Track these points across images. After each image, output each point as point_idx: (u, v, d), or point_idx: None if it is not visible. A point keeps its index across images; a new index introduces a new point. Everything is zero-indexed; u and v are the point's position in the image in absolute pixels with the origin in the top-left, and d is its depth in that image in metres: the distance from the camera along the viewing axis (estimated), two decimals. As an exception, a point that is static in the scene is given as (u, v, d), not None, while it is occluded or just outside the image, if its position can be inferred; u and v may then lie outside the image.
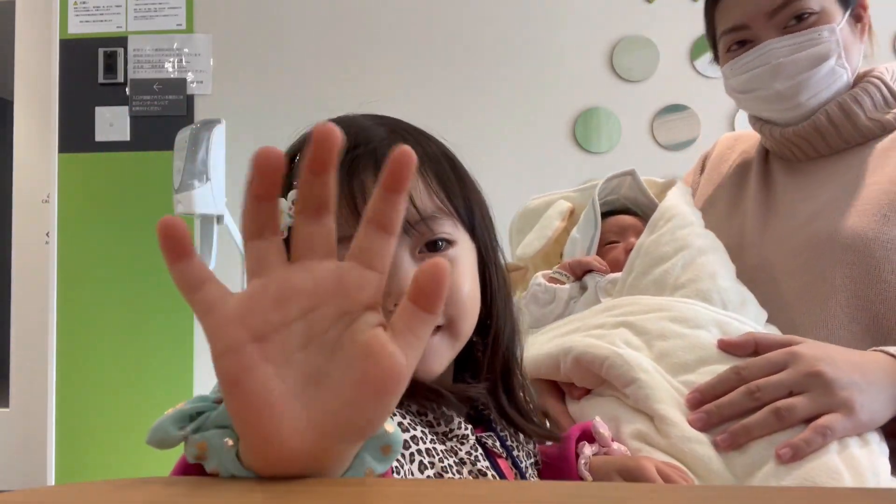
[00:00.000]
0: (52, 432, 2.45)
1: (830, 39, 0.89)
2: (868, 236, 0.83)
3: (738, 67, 0.95)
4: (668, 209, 0.90)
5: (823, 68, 0.90)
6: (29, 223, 3.13)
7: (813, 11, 0.89)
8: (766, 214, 0.97)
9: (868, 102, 0.92)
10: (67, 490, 0.33)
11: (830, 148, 0.94)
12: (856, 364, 0.69)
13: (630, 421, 0.70)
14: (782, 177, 0.99)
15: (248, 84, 2.46)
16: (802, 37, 0.89)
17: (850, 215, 0.85)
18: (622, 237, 0.94)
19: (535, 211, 1.03)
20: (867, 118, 0.91)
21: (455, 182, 0.62)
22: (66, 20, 2.54)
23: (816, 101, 0.92)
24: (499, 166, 2.41)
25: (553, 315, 0.89)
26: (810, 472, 0.61)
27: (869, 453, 0.64)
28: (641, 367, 0.71)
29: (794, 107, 0.93)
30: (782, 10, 0.90)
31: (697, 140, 2.36)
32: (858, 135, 0.92)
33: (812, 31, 0.89)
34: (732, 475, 0.64)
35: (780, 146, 0.98)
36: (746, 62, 0.93)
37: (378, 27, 2.47)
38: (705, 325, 0.76)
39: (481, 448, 0.58)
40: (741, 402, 0.68)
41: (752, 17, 0.92)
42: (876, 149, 0.91)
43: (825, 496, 0.35)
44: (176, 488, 0.33)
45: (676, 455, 0.66)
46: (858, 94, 0.92)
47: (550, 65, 2.43)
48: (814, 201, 0.91)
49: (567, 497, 0.32)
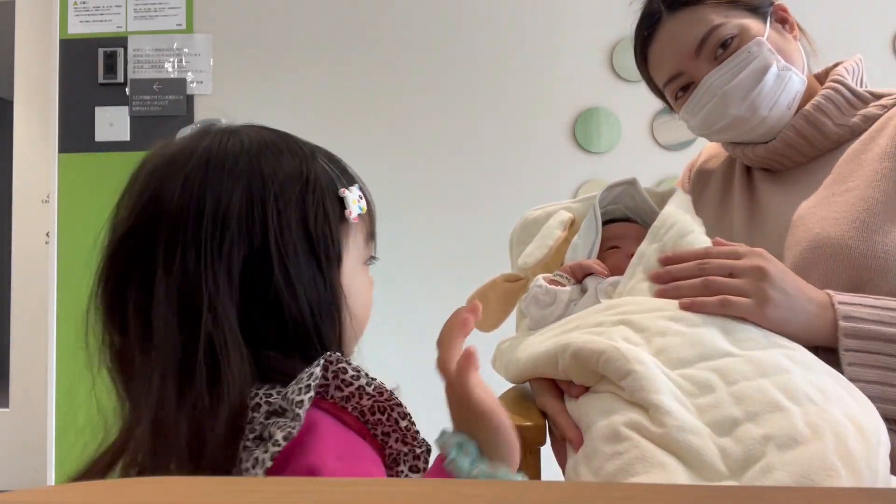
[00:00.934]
0: (52, 432, 2.46)
1: (762, 51, 0.91)
2: (848, 244, 0.84)
3: (692, 109, 0.98)
4: (669, 217, 0.90)
5: (769, 78, 0.92)
6: (29, 223, 3.13)
7: (733, 35, 0.92)
8: (752, 222, 0.98)
9: (833, 109, 0.93)
10: (67, 490, 0.33)
11: (804, 157, 0.96)
12: (799, 283, 0.79)
13: (624, 412, 0.70)
14: (765, 184, 1.01)
15: (248, 84, 2.46)
16: (735, 60, 0.92)
17: (830, 223, 0.86)
18: (623, 243, 0.94)
19: (536, 221, 1.03)
20: (835, 125, 0.93)
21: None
22: (66, 20, 2.54)
23: (779, 110, 0.94)
24: (499, 166, 2.41)
25: (553, 317, 0.90)
26: (807, 468, 0.61)
27: (867, 449, 0.64)
28: (638, 360, 0.71)
29: (759, 123, 0.95)
30: (704, 45, 0.93)
31: (697, 140, 2.36)
32: (829, 142, 0.94)
33: (741, 51, 0.92)
34: (726, 467, 0.63)
35: (757, 163, 1.01)
36: (696, 102, 0.96)
37: (378, 27, 2.47)
38: (704, 324, 0.76)
39: None
40: (690, 270, 0.81)
41: (680, 62, 0.95)
42: (848, 152, 0.92)
43: (825, 496, 0.35)
44: (176, 488, 0.33)
45: (670, 445, 0.65)
46: (822, 104, 0.93)
47: (550, 65, 2.43)
48: (794, 208, 0.92)
49: (567, 497, 0.32)
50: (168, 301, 0.57)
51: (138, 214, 0.61)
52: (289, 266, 0.59)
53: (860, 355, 0.77)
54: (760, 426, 0.65)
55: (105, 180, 2.50)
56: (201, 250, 0.58)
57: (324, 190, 0.64)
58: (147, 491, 0.32)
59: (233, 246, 0.59)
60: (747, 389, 0.68)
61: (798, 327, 0.78)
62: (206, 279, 0.57)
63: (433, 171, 2.41)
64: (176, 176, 0.61)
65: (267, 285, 0.59)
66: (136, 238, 0.60)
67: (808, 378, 0.69)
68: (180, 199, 0.60)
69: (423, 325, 0.72)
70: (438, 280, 2.36)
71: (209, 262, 0.57)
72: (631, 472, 0.65)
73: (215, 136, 0.64)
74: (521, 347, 0.88)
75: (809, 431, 0.63)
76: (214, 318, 0.56)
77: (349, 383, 0.57)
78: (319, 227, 0.62)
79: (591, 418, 0.73)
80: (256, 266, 0.59)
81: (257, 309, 0.59)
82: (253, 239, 0.59)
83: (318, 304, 0.61)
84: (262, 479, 0.32)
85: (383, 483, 0.34)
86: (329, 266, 0.62)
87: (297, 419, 0.52)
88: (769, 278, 0.78)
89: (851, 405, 0.68)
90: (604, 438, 0.69)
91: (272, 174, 0.61)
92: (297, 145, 0.66)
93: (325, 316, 0.61)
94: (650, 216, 0.98)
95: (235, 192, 0.60)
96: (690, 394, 0.70)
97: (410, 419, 0.60)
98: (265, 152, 0.63)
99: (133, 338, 0.59)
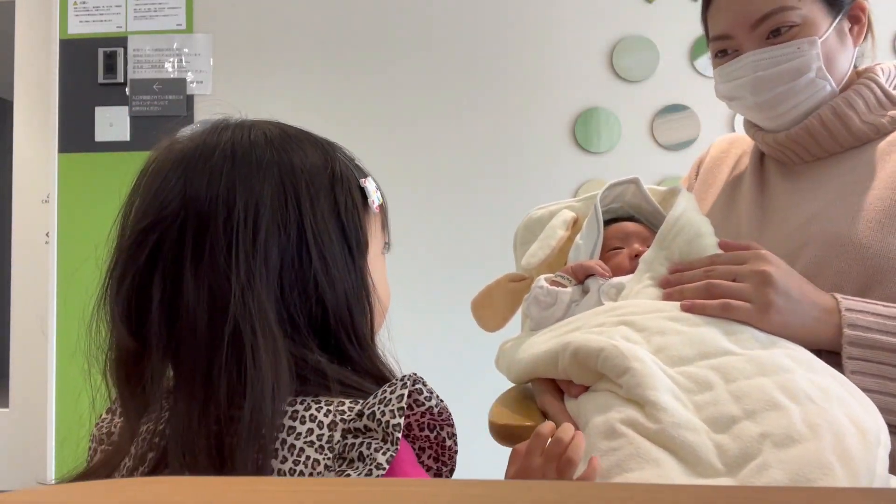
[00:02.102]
0: (52, 432, 2.45)
1: (810, 52, 0.89)
2: (863, 243, 0.83)
3: (723, 75, 0.96)
4: (676, 221, 0.90)
5: (802, 81, 0.90)
6: (29, 223, 3.13)
7: (794, 24, 0.90)
8: (762, 218, 0.97)
9: (861, 105, 0.91)
10: (67, 490, 0.33)
11: (825, 151, 0.94)
12: (804, 287, 0.80)
13: (620, 409, 0.70)
14: (778, 180, 0.99)
15: (248, 84, 2.46)
16: (781, 49, 0.90)
17: (846, 222, 0.86)
18: (626, 243, 0.94)
19: (539, 221, 1.03)
20: (861, 121, 0.91)
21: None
22: (65, 20, 2.54)
23: (798, 112, 0.93)
24: (499, 166, 2.41)
25: (554, 318, 0.90)
26: (803, 467, 0.61)
27: (866, 449, 0.63)
28: (636, 357, 0.71)
29: (775, 117, 0.94)
30: (764, 22, 0.90)
31: (697, 140, 2.36)
32: (853, 138, 0.92)
33: (791, 44, 0.89)
34: (722, 464, 0.63)
35: (775, 151, 0.99)
36: (730, 71, 0.95)
37: (377, 27, 2.47)
38: (704, 324, 0.76)
39: None
40: (696, 276, 0.82)
41: (734, 27, 0.93)
42: (871, 152, 0.91)
43: (825, 496, 0.35)
44: (176, 488, 0.33)
45: (666, 442, 0.65)
46: (851, 97, 0.92)
47: (550, 65, 2.43)
48: (809, 205, 0.91)
49: (567, 497, 0.32)
50: (198, 295, 0.56)
51: (160, 209, 0.60)
52: (325, 254, 0.60)
53: (863, 364, 0.76)
54: (758, 424, 0.65)
55: (105, 180, 2.50)
56: (233, 243, 0.57)
57: (349, 180, 0.65)
58: (147, 491, 0.32)
59: (268, 236, 0.58)
60: (746, 387, 0.68)
61: (801, 331, 0.77)
62: (237, 272, 0.56)
63: (433, 170, 2.41)
64: (201, 170, 0.60)
65: (305, 275, 0.59)
66: (159, 233, 0.59)
67: (809, 378, 0.69)
68: (208, 193, 0.59)
69: (423, 326, 0.72)
70: (438, 280, 2.36)
71: (243, 254, 0.57)
72: (625, 469, 0.65)
73: (236, 130, 0.64)
74: (522, 348, 0.88)
75: (807, 430, 0.63)
76: (246, 309, 0.55)
77: (421, 404, 0.57)
78: (350, 215, 0.63)
79: (588, 416, 0.73)
80: (293, 256, 0.59)
81: (294, 299, 0.59)
82: (288, 229, 0.59)
83: (352, 291, 0.62)
84: (262, 479, 0.32)
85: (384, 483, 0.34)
86: (360, 254, 0.64)
87: (395, 443, 0.52)
88: (772, 283, 0.77)
89: (853, 405, 0.68)
90: (600, 435, 0.69)
91: (301, 164, 0.62)
92: (315, 138, 0.67)
93: (357, 303, 0.62)
94: (653, 215, 0.98)
95: (267, 184, 0.60)
96: (689, 391, 0.70)
97: (455, 440, 0.60)
98: (290, 144, 0.64)
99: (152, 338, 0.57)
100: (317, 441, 0.53)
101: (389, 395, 0.54)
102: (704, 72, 2.36)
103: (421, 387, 0.56)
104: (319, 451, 0.52)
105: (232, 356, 0.54)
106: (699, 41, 2.35)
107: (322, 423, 0.54)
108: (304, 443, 0.53)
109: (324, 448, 0.52)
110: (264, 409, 0.53)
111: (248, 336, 0.55)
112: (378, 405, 0.53)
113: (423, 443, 0.60)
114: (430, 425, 0.59)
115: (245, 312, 0.55)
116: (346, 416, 0.54)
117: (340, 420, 0.54)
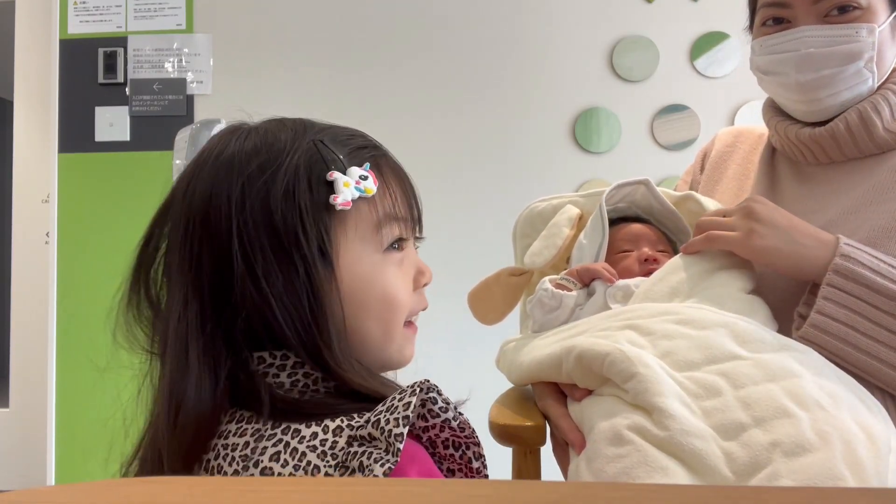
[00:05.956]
0: (52, 432, 2.45)
1: (867, 40, 0.86)
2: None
3: (768, 46, 0.92)
4: None
5: (850, 68, 0.87)
6: (29, 223, 3.13)
7: (859, 6, 0.86)
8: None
9: (886, 112, 0.89)
10: (67, 490, 0.33)
11: (844, 156, 0.92)
12: (795, 221, 0.81)
13: (627, 415, 0.68)
14: (789, 182, 0.97)
15: (248, 84, 2.46)
16: (839, 30, 0.86)
17: (864, 233, 0.84)
18: (635, 246, 0.92)
19: (541, 215, 1.00)
20: (884, 129, 0.89)
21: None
22: (66, 20, 2.53)
23: (835, 101, 0.90)
24: (499, 166, 2.41)
25: (558, 321, 0.88)
26: (813, 477, 0.60)
27: (876, 457, 0.63)
28: (643, 362, 0.70)
29: (811, 101, 0.91)
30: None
31: (697, 140, 2.36)
32: (874, 145, 0.90)
33: (851, 26, 0.86)
34: (731, 472, 0.63)
35: (791, 147, 0.96)
36: (776, 43, 0.90)
37: (378, 27, 2.47)
38: (712, 327, 0.74)
39: None
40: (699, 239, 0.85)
41: None
42: (892, 162, 0.88)
43: (825, 496, 0.35)
44: (176, 488, 0.33)
45: (673, 449, 0.64)
46: (878, 102, 0.89)
47: (550, 65, 2.42)
48: (825, 213, 0.89)
49: (567, 497, 0.32)
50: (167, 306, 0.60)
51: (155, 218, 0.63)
52: (255, 265, 0.56)
53: (839, 293, 0.77)
54: (767, 432, 0.64)
55: (105, 180, 2.50)
56: (179, 252, 0.59)
57: (299, 178, 0.58)
58: (147, 491, 0.32)
59: (202, 246, 0.58)
60: (755, 394, 0.67)
61: (788, 258, 0.79)
62: (182, 281, 0.58)
63: (433, 170, 2.41)
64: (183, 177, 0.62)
65: (232, 286, 0.57)
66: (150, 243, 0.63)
67: (818, 383, 0.68)
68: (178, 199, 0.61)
69: (423, 325, 0.71)
70: (437, 280, 2.36)
71: (186, 266, 0.58)
72: (632, 476, 0.64)
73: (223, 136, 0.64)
74: (524, 351, 0.87)
75: (817, 438, 0.62)
76: (182, 318, 0.57)
77: (436, 414, 0.53)
78: (288, 220, 0.57)
79: (593, 420, 0.72)
80: (223, 266, 0.57)
81: (228, 308, 0.57)
82: (219, 238, 0.57)
83: (293, 300, 0.56)
84: (262, 479, 0.32)
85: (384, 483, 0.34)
86: (305, 262, 0.57)
87: (395, 454, 0.49)
88: (755, 213, 0.80)
89: (862, 411, 0.67)
90: (606, 440, 0.68)
91: (241, 168, 0.59)
92: (288, 132, 0.63)
93: (301, 312, 0.57)
94: (667, 217, 0.96)
95: (204, 190, 0.59)
96: (697, 396, 0.68)
97: (484, 461, 0.56)
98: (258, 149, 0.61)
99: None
100: (320, 446, 0.51)
101: (397, 402, 0.51)
102: (704, 72, 2.36)
103: (435, 395, 0.53)
104: (322, 458, 0.51)
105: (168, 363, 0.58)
106: (699, 41, 2.35)
107: (328, 428, 0.52)
108: (307, 447, 0.52)
109: (326, 454, 0.51)
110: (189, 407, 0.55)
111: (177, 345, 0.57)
112: (384, 413, 0.51)
113: (451, 464, 0.56)
114: (454, 443, 0.55)
115: (180, 320, 0.57)
116: (353, 423, 0.52)
117: (347, 426, 0.52)
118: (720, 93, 2.35)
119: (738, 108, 2.33)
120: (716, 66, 2.35)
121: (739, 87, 2.31)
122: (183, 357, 0.56)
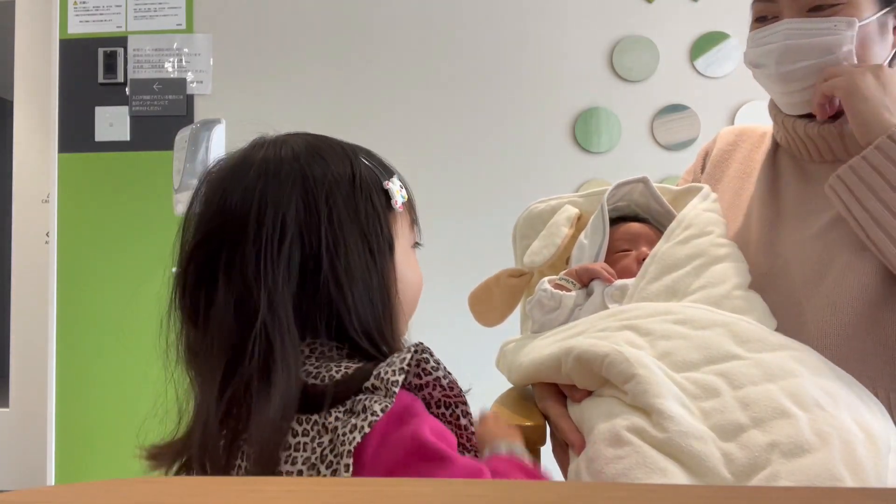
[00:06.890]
0: (52, 432, 2.45)
1: (846, 33, 0.86)
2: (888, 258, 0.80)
3: (756, 40, 0.93)
4: (685, 217, 0.89)
5: (828, 60, 0.87)
6: (29, 223, 3.13)
7: (839, 2, 0.87)
8: (775, 219, 0.95)
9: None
10: (67, 490, 0.33)
11: (848, 155, 0.90)
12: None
13: (626, 416, 0.68)
14: (790, 179, 0.97)
15: (248, 84, 2.46)
16: (818, 23, 0.87)
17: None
18: (634, 246, 0.92)
19: (541, 216, 1.00)
20: None
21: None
22: (65, 20, 2.53)
23: (808, 95, 0.90)
24: (499, 166, 2.41)
25: (557, 322, 0.88)
26: (812, 478, 0.60)
27: (876, 457, 0.62)
28: (641, 363, 0.70)
29: (791, 92, 0.92)
30: None
31: (697, 140, 2.36)
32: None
33: (829, 20, 0.87)
34: (730, 473, 0.62)
35: (796, 141, 0.95)
36: (761, 37, 0.92)
37: (377, 27, 2.47)
38: (710, 327, 0.74)
39: None
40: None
41: None
42: None
43: (825, 496, 0.35)
44: (176, 488, 0.33)
45: (672, 451, 0.64)
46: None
47: (550, 65, 2.42)
48: (827, 212, 0.89)
49: (567, 497, 0.32)
50: (226, 303, 0.62)
51: (205, 225, 0.66)
52: (337, 263, 0.64)
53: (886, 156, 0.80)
54: (766, 433, 0.64)
55: (105, 180, 2.50)
56: (261, 253, 0.62)
57: (370, 185, 0.69)
58: (147, 491, 0.32)
59: (292, 246, 0.63)
60: (754, 394, 0.67)
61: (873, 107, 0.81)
62: (265, 278, 0.61)
63: (433, 171, 2.41)
64: (236, 187, 0.66)
65: (322, 282, 0.64)
66: (204, 248, 0.66)
67: (817, 382, 0.68)
68: (241, 208, 0.64)
69: (423, 325, 0.72)
70: (437, 280, 2.36)
71: (269, 262, 0.62)
72: (631, 478, 0.64)
73: (269, 147, 0.69)
74: (524, 351, 0.87)
75: (816, 439, 0.62)
76: (272, 310, 0.61)
77: (428, 373, 0.62)
78: (370, 221, 0.68)
79: (592, 421, 0.72)
80: (311, 264, 0.64)
81: (311, 303, 0.64)
82: (309, 239, 0.64)
83: (370, 293, 0.66)
84: (262, 479, 0.32)
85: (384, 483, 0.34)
86: (381, 257, 0.68)
87: (391, 395, 0.57)
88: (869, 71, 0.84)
89: (861, 410, 0.67)
90: (605, 441, 0.68)
91: (322, 177, 0.67)
92: (339, 147, 0.71)
93: (376, 303, 0.66)
94: (663, 215, 0.96)
95: (292, 197, 0.65)
96: (695, 397, 0.68)
97: (471, 419, 0.64)
98: (315, 157, 0.68)
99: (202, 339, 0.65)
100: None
101: (396, 359, 0.60)
102: (704, 72, 2.36)
103: (427, 356, 0.62)
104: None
105: (258, 351, 0.60)
106: (699, 41, 2.35)
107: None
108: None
109: (294, 408, 0.58)
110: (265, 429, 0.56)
111: (272, 333, 0.60)
112: (385, 367, 0.59)
113: (442, 421, 0.62)
114: (445, 402, 0.63)
115: (271, 311, 0.61)
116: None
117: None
118: (720, 93, 2.35)
119: (738, 108, 2.33)
120: (716, 66, 2.35)
121: (739, 87, 2.31)
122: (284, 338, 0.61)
